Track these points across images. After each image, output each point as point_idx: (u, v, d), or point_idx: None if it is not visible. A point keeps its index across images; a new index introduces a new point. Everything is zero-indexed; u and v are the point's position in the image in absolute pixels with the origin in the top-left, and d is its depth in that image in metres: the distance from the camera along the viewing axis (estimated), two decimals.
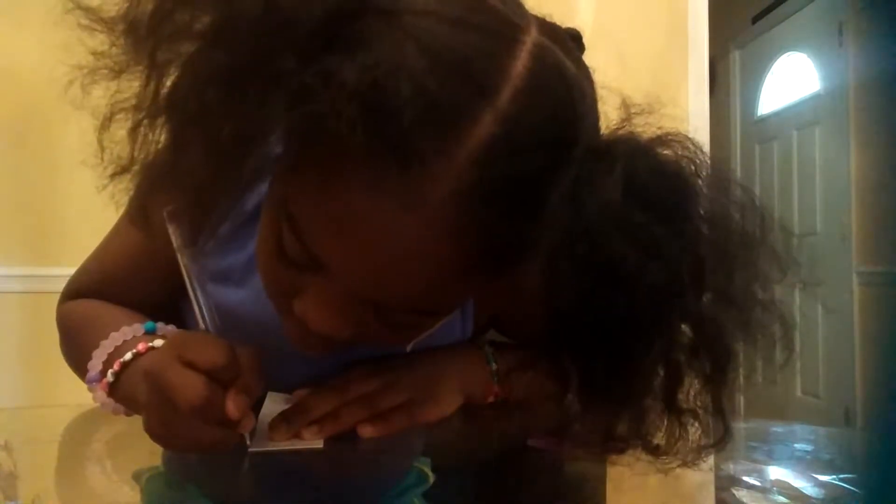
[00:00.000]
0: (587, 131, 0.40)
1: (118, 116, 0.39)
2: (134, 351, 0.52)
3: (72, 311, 0.65)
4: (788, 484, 0.43)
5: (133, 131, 0.39)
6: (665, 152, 0.40)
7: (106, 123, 0.40)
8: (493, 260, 0.40)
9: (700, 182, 0.40)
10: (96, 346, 0.54)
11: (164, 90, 0.38)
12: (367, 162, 0.35)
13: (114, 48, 0.39)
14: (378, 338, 0.46)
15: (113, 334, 0.54)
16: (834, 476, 0.43)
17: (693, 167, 0.40)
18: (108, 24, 0.39)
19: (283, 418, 0.51)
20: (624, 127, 0.40)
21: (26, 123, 1.87)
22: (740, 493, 0.40)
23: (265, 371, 0.46)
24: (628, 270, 0.36)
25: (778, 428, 0.64)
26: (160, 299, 0.62)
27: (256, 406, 0.50)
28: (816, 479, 0.43)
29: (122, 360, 0.52)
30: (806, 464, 0.50)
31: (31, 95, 1.87)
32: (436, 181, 0.35)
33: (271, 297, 0.47)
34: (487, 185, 0.36)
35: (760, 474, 0.46)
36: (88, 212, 0.59)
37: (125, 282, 0.63)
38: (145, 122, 0.39)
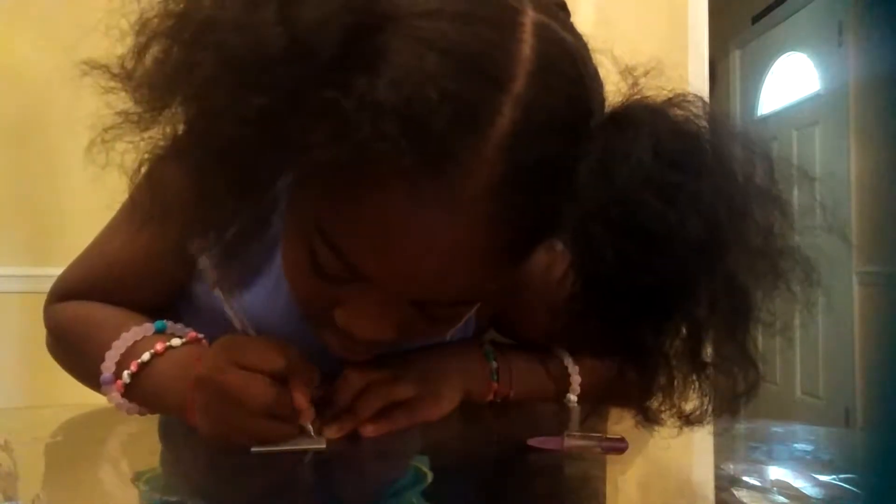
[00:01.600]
0: (597, 99, 0.41)
1: (145, 168, 0.41)
2: (152, 351, 0.53)
3: (67, 313, 0.64)
4: (788, 484, 0.43)
5: (161, 175, 0.41)
6: (678, 113, 0.41)
7: (136, 177, 0.41)
8: (529, 239, 0.42)
9: (714, 137, 0.41)
10: (106, 348, 0.54)
11: (190, 135, 0.39)
12: (404, 171, 0.36)
13: (136, 104, 0.39)
14: (421, 333, 0.47)
15: (124, 334, 0.55)
16: (834, 476, 0.43)
17: (707, 125, 0.41)
18: (124, 80, 0.39)
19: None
20: (635, 92, 0.42)
21: (26, 123, 1.87)
22: (740, 493, 0.40)
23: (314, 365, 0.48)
24: (667, 229, 0.37)
25: (778, 428, 0.63)
26: (157, 302, 0.62)
27: None
28: (816, 479, 0.43)
29: (139, 360, 0.53)
30: (806, 464, 0.50)
31: (31, 95, 1.87)
32: (469, 176, 0.37)
33: (307, 312, 0.48)
34: (517, 171, 0.37)
35: (760, 474, 0.46)
36: (88, 212, 0.59)
37: (122, 285, 0.62)
38: (171, 168, 0.40)
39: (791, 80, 3.47)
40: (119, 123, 0.40)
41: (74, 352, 0.63)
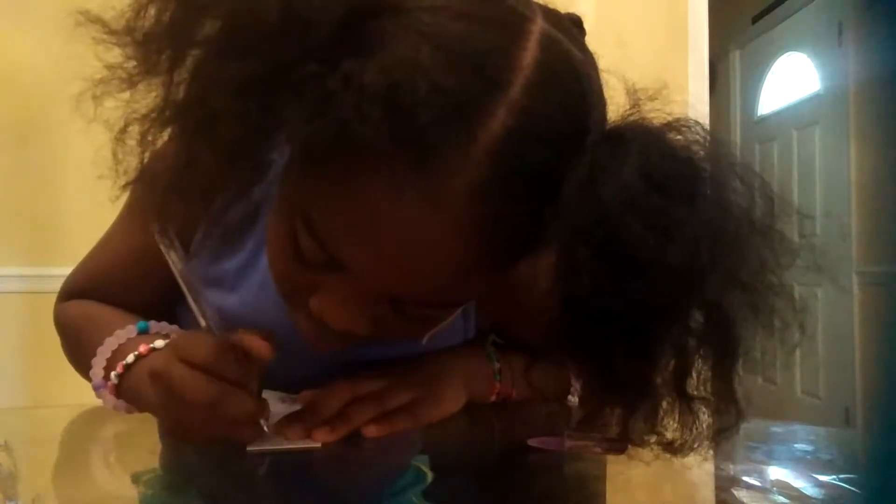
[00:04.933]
0: (596, 118, 0.41)
1: (132, 127, 0.40)
2: (136, 353, 0.53)
3: (67, 314, 0.66)
4: (788, 484, 0.43)
5: (144, 140, 0.40)
6: (676, 138, 0.40)
7: (120, 135, 0.40)
8: (510, 249, 0.41)
9: (711, 167, 0.40)
10: (96, 353, 0.55)
11: (179, 98, 0.38)
12: (387, 161, 0.36)
13: (127, 60, 0.39)
14: (395, 332, 0.46)
15: (108, 339, 0.55)
16: (834, 476, 0.43)
17: (703, 152, 0.40)
18: (119, 35, 0.39)
19: (295, 419, 0.51)
20: (634, 113, 0.41)
21: (26, 123, 1.87)
22: (740, 493, 0.40)
23: (261, 365, 0.47)
24: (648, 255, 0.36)
25: (778, 428, 0.64)
26: (155, 301, 0.62)
27: None
28: (816, 479, 0.43)
29: (124, 362, 0.53)
30: (806, 464, 0.50)
31: (31, 95, 1.87)
32: (454, 175, 0.36)
33: (284, 296, 0.47)
34: (504, 177, 0.37)
35: (760, 474, 0.46)
36: (88, 212, 0.60)
37: (120, 284, 0.63)
38: (158, 130, 0.40)
39: (791, 80, 3.47)
40: (109, 78, 0.39)
41: (74, 352, 0.64)
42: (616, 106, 0.42)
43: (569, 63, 0.40)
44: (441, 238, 0.38)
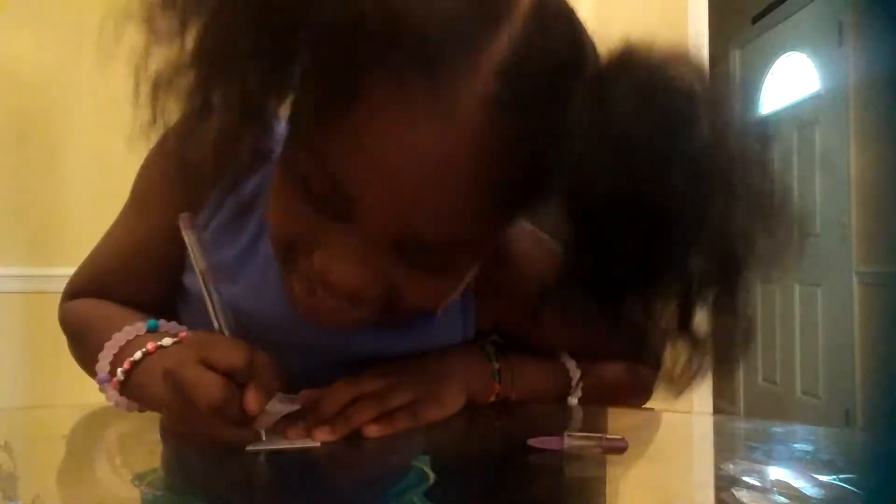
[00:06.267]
0: (591, 54, 0.43)
1: (152, 65, 0.41)
2: (143, 350, 0.54)
3: (72, 312, 0.66)
4: (788, 484, 0.43)
5: (160, 87, 0.41)
6: (675, 67, 0.41)
7: (142, 62, 0.41)
8: (518, 179, 0.41)
9: (709, 95, 0.41)
10: (100, 349, 0.55)
11: (194, 43, 0.39)
12: (394, 77, 0.37)
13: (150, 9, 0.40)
14: (398, 302, 0.46)
15: (116, 335, 0.56)
16: (834, 476, 0.43)
17: (699, 85, 0.41)
18: None
19: (295, 419, 0.51)
20: (633, 48, 0.42)
21: (26, 123, 1.87)
22: (740, 493, 0.40)
23: (281, 371, 0.47)
24: (655, 175, 0.38)
25: (778, 428, 0.63)
26: (155, 296, 0.63)
27: None
28: (816, 479, 0.43)
29: (131, 359, 0.53)
30: (806, 464, 0.50)
31: (31, 95, 1.87)
32: (461, 89, 0.37)
33: (281, 258, 0.47)
34: (511, 94, 0.38)
35: (760, 474, 0.46)
36: (88, 212, 0.60)
37: (123, 278, 0.64)
38: (176, 76, 0.40)
39: (791, 80, 3.47)
40: (131, 13, 0.40)
41: (81, 350, 0.64)
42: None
43: (563, 2, 0.42)
44: (448, 156, 0.38)
